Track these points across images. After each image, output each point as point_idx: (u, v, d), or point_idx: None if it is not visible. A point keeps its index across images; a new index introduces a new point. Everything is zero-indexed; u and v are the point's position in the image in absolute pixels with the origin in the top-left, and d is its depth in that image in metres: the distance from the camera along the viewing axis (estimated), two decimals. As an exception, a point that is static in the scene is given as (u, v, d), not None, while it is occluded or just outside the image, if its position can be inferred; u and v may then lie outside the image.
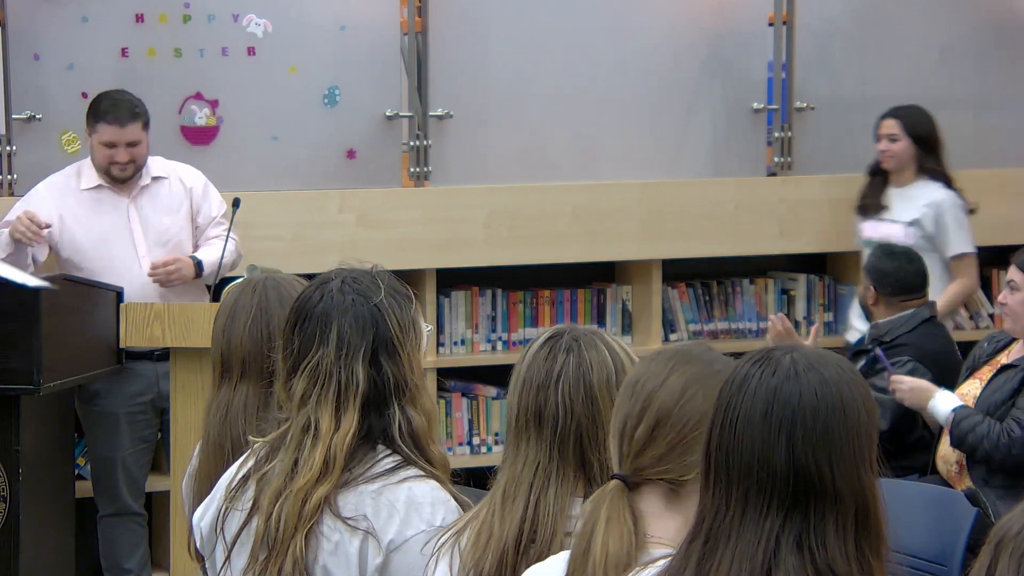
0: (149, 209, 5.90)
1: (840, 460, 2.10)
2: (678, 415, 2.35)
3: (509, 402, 2.71)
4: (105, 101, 5.81)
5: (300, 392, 2.85)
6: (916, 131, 6.73)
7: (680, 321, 7.12)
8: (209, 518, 2.98)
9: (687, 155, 7.05)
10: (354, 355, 2.83)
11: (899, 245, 6.34)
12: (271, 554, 2.82)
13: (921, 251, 6.37)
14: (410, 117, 6.65)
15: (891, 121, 6.76)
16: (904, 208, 6.72)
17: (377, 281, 2.91)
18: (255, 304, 3.33)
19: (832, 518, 2.09)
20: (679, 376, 2.37)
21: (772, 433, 2.10)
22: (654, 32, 6.94)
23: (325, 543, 2.81)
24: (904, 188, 6.76)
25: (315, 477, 2.79)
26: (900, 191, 6.77)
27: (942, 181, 6.73)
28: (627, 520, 2.33)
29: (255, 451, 2.95)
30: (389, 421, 2.84)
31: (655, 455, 2.35)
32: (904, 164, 6.75)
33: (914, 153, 6.73)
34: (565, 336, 2.70)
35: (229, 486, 2.95)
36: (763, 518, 2.09)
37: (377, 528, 2.78)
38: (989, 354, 5.67)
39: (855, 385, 2.15)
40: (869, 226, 6.81)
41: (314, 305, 2.88)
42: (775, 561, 2.07)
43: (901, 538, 5.05)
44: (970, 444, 5.33)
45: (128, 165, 5.81)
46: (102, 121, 5.78)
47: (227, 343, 3.32)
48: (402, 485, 2.81)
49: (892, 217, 6.75)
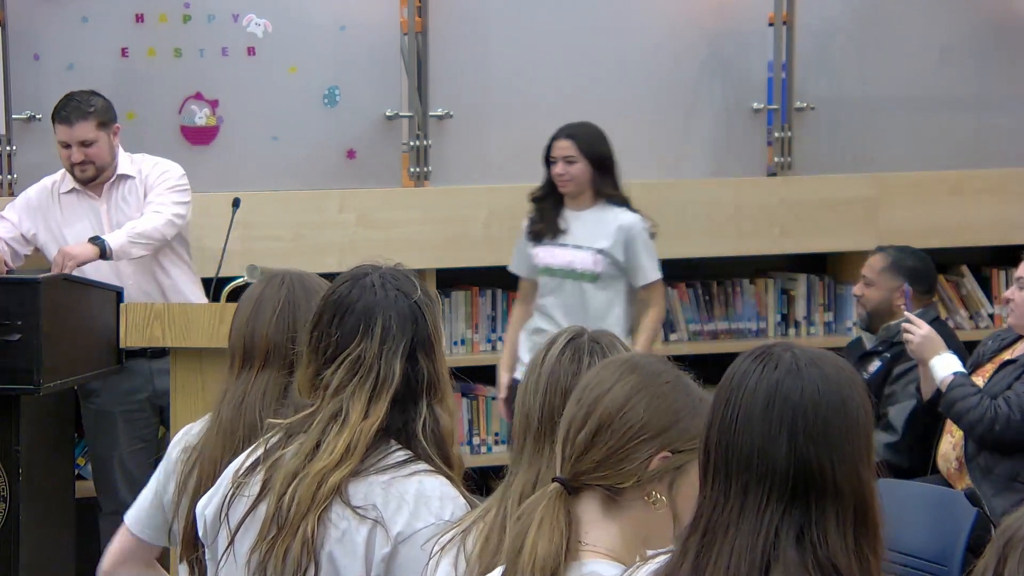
0: (116, 209, 5.87)
1: (840, 455, 2.10)
2: (619, 422, 2.36)
3: (527, 405, 2.69)
4: (61, 101, 5.81)
5: (336, 382, 2.88)
6: (592, 151, 6.13)
7: (680, 321, 7.12)
8: (214, 505, 2.99)
9: (687, 155, 7.05)
10: (395, 350, 2.87)
11: (902, 245, 6.31)
12: (280, 533, 2.84)
13: (610, 279, 6.11)
14: (410, 117, 6.65)
15: (566, 142, 6.13)
16: (588, 233, 6.15)
17: (413, 279, 2.95)
18: (282, 297, 3.36)
19: (833, 513, 2.09)
20: (624, 384, 2.38)
21: (773, 427, 2.11)
22: (654, 32, 6.95)
23: (333, 530, 2.83)
24: (583, 212, 6.18)
25: (335, 462, 2.83)
26: (578, 215, 6.18)
27: (624, 205, 6.17)
28: (560, 523, 2.34)
29: (266, 439, 2.97)
30: (414, 417, 2.88)
31: (594, 460, 2.36)
32: (583, 187, 6.15)
33: (591, 175, 6.13)
34: (584, 338, 2.71)
35: (237, 473, 2.97)
36: (762, 511, 2.09)
37: (386, 518, 2.80)
38: (993, 351, 5.69)
39: (854, 383, 2.16)
40: (545, 252, 6.20)
41: (356, 299, 2.91)
42: (774, 554, 2.07)
43: (901, 538, 5.08)
44: (957, 411, 5.35)
45: (87, 166, 5.78)
46: (55, 121, 5.79)
47: (251, 333, 3.35)
48: (412, 478, 2.83)
49: (575, 242, 6.16)
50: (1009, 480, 5.33)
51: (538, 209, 6.23)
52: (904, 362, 5.95)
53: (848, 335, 7.11)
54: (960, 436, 5.50)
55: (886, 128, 7.28)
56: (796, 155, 7.18)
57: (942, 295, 7.34)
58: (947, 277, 7.42)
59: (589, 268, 6.13)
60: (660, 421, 2.36)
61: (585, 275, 6.13)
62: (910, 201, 7.19)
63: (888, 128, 7.29)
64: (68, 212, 5.83)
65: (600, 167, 6.14)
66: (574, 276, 6.13)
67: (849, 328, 7.23)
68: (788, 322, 7.30)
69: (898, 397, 5.93)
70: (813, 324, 7.32)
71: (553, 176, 6.15)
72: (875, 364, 6.07)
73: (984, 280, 7.50)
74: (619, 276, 6.15)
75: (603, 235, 6.13)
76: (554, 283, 6.20)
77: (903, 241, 6.47)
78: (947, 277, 7.42)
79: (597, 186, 6.14)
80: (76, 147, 5.76)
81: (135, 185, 5.88)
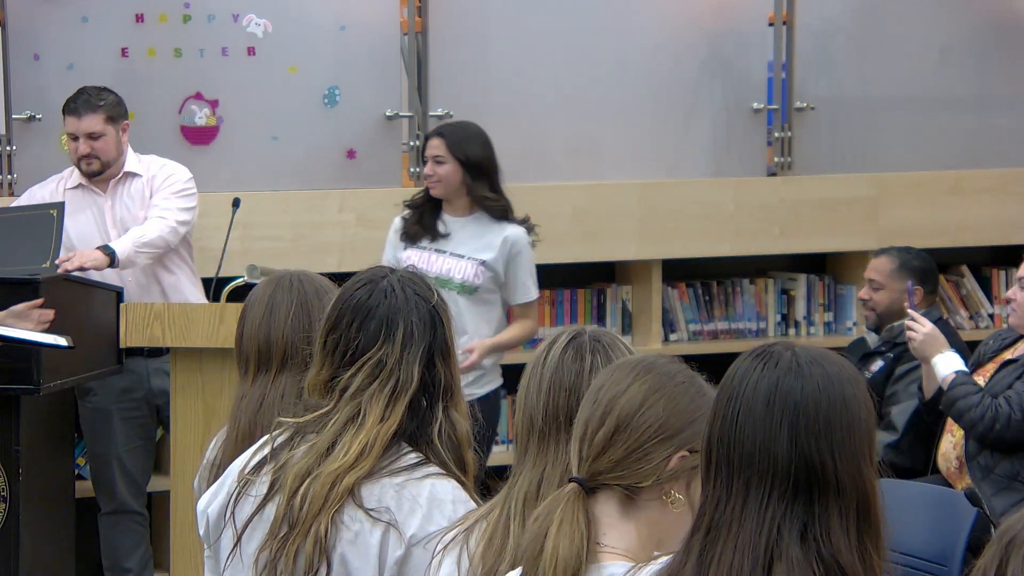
0: (121, 206, 5.89)
1: (842, 452, 2.11)
2: (637, 422, 2.37)
3: (529, 405, 2.69)
4: (72, 95, 5.84)
5: (355, 385, 2.88)
6: (462, 152, 5.69)
7: (680, 321, 7.12)
8: (218, 504, 2.99)
9: (687, 155, 7.05)
10: (415, 354, 2.89)
11: (903, 246, 6.31)
12: (291, 533, 2.83)
13: (486, 293, 5.73)
14: (410, 117, 6.65)
15: (436, 140, 5.75)
16: (471, 243, 5.75)
17: (429, 283, 2.97)
18: (295, 299, 3.36)
19: (836, 509, 2.10)
20: (641, 384, 2.39)
21: (774, 423, 2.11)
22: (654, 32, 6.94)
23: (345, 532, 2.83)
24: (462, 218, 5.78)
25: (349, 463, 2.83)
26: (458, 220, 5.78)
27: (504, 214, 5.75)
28: (580, 524, 2.34)
29: (273, 437, 2.96)
30: (429, 421, 2.89)
31: (613, 460, 2.37)
32: (453, 190, 5.73)
33: (462, 177, 5.70)
34: (586, 336, 2.71)
35: (242, 472, 2.96)
36: (764, 508, 2.10)
37: (399, 521, 2.81)
38: (994, 351, 5.69)
39: (856, 381, 2.17)
40: (419, 256, 5.75)
41: (376, 304, 2.91)
42: (777, 551, 2.07)
43: (901, 538, 5.07)
44: (958, 409, 5.36)
45: (92, 159, 5.80)
46: (65, 113, 5.82)
47: (266, 337, 3.35)
48: (425, 481, 2.84)
49: (454, 250, 5.76)
50: (1009, 480, 5.33)
51: (416, 211, 5.81)
52: (906, 362, 5.95)
53: (849, 335, 7.11)
54: (960, 436, 5.50)
55: (886, 128, 7.28)
56: (796, 155, 7.18)
57: (942, 295, 7.34)
58: (947, 277, 7.42)
59: (469, 280, 5.73)
60: (678, 421, 2.37)
61: (464, 286, 5.72)
62: (910, 201, 7.19)
63: (888, 128, 7.29)
64: (72, 206, 5.84)
65: (472, 170, 5.70)
66: (449, 286, 5.66)
67: (849, 328, 7.23)
68: (788, 322, 7.29)
69: (900, 397, 5.94)
70: (813, 324, 7.32)
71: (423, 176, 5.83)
72: (878, 364, 6.08)
73: (984, 280, 7.50)
74: (495, 291, 5.77)
75: (487, 247, 5.73)
76: None
77: (903, 241, 6.48)
78: (947, 277, 7.42)
79: (470, 191, 5.71)
80: (83, 139, 5.78)
81: (141, 184, 5.89)
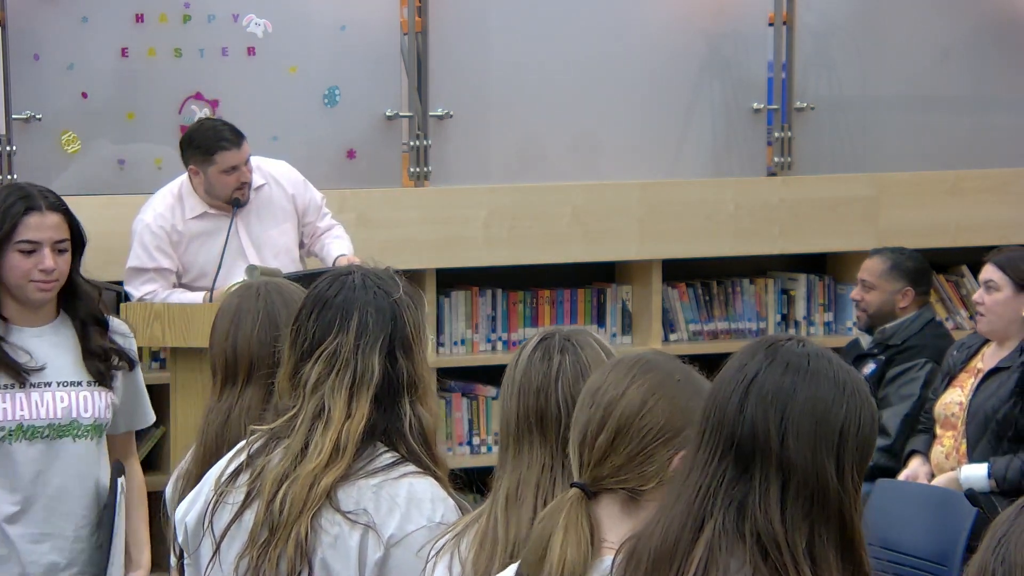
0: (256, 223, 5.87)
1: (796, 429, 2.10)
2: (638, 425, 2.36)
3: (505, 408, 2.70)
4: (209, 132, 5.76)
5: (315, 377, 2.87)
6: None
7: (680, 321, 7.12)
8: (195, 513, 2.97)
9: (687, 155, 7.05)
10: (372, 345, 2.86)
11: (896, 247, 6.31)
12: (272, 538, 2.82)
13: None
14: (410, 117, 6.66)
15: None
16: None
17: (396, 279, 2.95)
18: (261, 308, 3.31)
19: (777, 486, 2.09)
20: (639, 386, 2.39)
21: (732, 385, 2.14)
22: (654, 32, 6.95)
23: (324, 536, 2.82)
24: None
25: (324, 462, 2.81)
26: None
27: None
28: (585, 530, 2.34)
29: (249, 443, 2.94)
30: (399, 417, 2.86)
31: (615, 465, 2.37)
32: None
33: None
34: (556, 337, 2.71)
35: (219, 480, 2.94)
36: (708, 463, 2.13)
37: (378, 523, 2.80)
38: (963, 361, 5.64)
39: (850, 384, 2.15)
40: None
41: (334, 294, 2.90)
42: (709, 511, 2.10)
43: (901, 538, 5.07)
44: (1017, 482, 5.25)
45: (247, 187, 5.78)
46: (218, 150, 5.71)
47: (232, 348, 3.30)
48: (402, 480, 2.82)
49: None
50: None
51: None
52: (897, 366, 5.95)
53: (848, 335, 7.11)
54: (951, 445, 5.48)
55: (886, 128, 7.28)
56: (796, 155, 7.18)
57: (942, 295, 7.34)
58: (947, 277, 7.42)
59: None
60: (678, 421, 2.36)
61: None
62: (910, 201, 7.19)
63: (888, 128, 7.29)
64: (202, 233, 5.80)
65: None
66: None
67: (849, 328, 7.22)
68: (788, 322, 7.29)
69: (891, 400, 5.92)
70: (813, 324, 7.32)
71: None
72: (870, 367, 6.06)
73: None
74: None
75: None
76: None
77: (903, 241, 6.48)
78: (947, 277, 7.42)
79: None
80: (244, 167, 5.73)
81: (269, 193, 5.89)
